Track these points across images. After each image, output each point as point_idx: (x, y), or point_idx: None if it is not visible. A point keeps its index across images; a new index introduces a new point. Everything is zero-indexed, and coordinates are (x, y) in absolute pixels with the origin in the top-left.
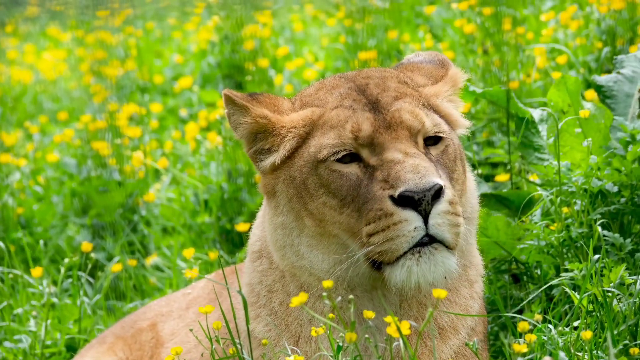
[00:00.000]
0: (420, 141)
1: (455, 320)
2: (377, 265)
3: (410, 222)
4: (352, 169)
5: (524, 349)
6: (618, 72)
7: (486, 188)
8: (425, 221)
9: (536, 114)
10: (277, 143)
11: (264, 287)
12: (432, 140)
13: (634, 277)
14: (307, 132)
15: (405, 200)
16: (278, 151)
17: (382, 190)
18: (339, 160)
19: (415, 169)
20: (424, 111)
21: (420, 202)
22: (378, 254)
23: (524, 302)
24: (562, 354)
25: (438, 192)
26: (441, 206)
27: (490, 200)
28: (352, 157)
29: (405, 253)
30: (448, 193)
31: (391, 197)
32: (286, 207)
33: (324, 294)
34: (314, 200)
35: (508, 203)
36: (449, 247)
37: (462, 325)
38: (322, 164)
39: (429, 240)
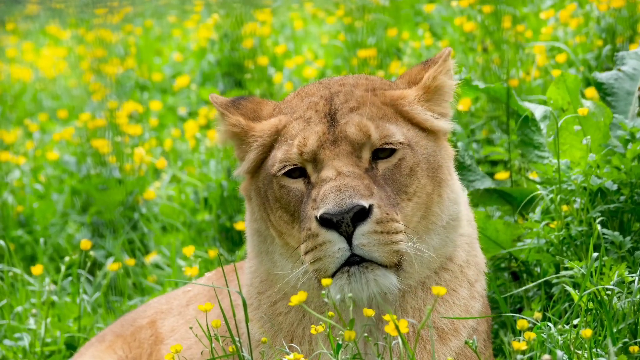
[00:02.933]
0: (366, 155)
1: (455, 321)
2: (319, 281)
3: (333, 243)
4: (299, 185)
5: (524, 347)
6: (619, 69)
7: (489, 183)
8: (350, 242)
9: (536, 111)
10: (246, 151)
11: (254, 289)
12: (387, 152)
13: (634, 275)
14: (272, 141)
15: (326, 222)
16: (245, 160)
17: (312, 210)
18: (288, 175)
19: (339, 189)
20: (375, 123)
21: (339, 224)
22: (314, 271)
23: (524, 300)
24: (560, 353)
25: (360, 214)
26: (365, 227)
27: (493, 196)
28: (301, 172)
29: (336, 272)
30: (377, 212)
31: (316, 218)
32: (258, 215)
33: (323, 291)
34: (273, 212)
35: (510, 199)
36: (384, 265)
37: (463, 326)
38: (275, 178)
39: (360, 259)
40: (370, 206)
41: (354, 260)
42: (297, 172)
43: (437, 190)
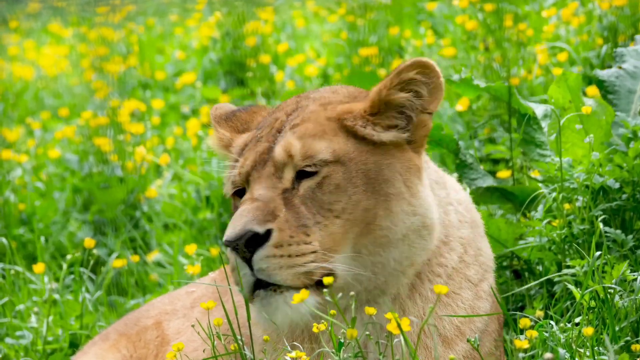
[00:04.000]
0: (289, 175)
1: (461, 325)
2: None
3: (241, 268)
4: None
5: (525, 345)
6: (619, 67)
7: (491, 182)
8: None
9: (538, 110)
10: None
11: None
12: (313, 171)
13: (636, 273)
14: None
15: (230, 248)
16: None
17: None
18: (239, 195)
19: (241, 215)
20: (303, 141)
21: (237, 250)
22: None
23: (526, 298)
24: (562, 351)
25: (253, 239)
26: (263, 252)
27: (494, 194)
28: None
29: (251, 295)
30: (275, 236)
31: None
32: None
33: (325, 290)
34: None
35: (512, 197)
36: (297, 287)
37: (470, 330)
38: (231, 198)
39: (267, 282)
40: (268, 231)
41: (264, 284)
42: (243, 192)
43: (383, 204)
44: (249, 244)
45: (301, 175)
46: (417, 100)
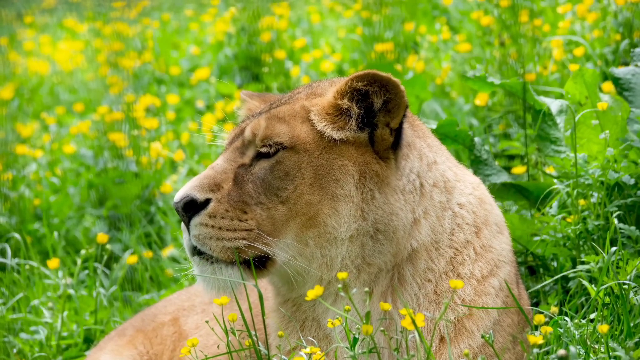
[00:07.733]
0: (250, 153)
1: (466, 322)
2: None
3: (183, 231)
4: None
5: (540, 341)
6: (636, 65)
7: (505, 177)
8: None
9: (553, 106)
10: None
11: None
12: (271, 153)
13: None
14: None
15: (175, 210)
16: None
17: None
18: None
19: (192, 180)
20: (270, 123)
21: (178, 212)
22: None
23: (541, 294)
24: (573, 349)
25: (190, 205)
26: (198, 218)
27: (509, 190)
28: None
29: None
30: (212, 206)
31: None
32: None
33: (339, 285)
34: None
35: (527, 193)
36: (225, 260)
37: (477, 326)
38: None
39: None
40: (208, 200)
41: (199, 251)
42: None
43: (329, 203)
44: (187, 209)
45: (260, 155)
46: (371, 111)
